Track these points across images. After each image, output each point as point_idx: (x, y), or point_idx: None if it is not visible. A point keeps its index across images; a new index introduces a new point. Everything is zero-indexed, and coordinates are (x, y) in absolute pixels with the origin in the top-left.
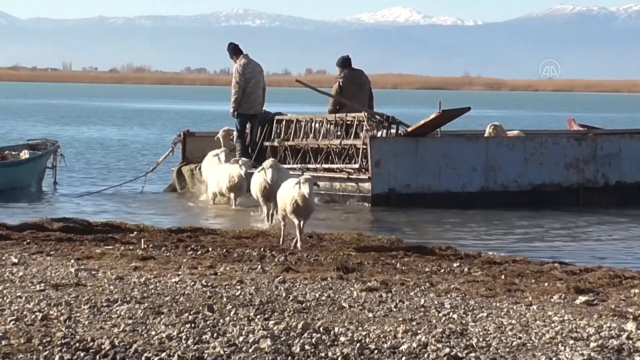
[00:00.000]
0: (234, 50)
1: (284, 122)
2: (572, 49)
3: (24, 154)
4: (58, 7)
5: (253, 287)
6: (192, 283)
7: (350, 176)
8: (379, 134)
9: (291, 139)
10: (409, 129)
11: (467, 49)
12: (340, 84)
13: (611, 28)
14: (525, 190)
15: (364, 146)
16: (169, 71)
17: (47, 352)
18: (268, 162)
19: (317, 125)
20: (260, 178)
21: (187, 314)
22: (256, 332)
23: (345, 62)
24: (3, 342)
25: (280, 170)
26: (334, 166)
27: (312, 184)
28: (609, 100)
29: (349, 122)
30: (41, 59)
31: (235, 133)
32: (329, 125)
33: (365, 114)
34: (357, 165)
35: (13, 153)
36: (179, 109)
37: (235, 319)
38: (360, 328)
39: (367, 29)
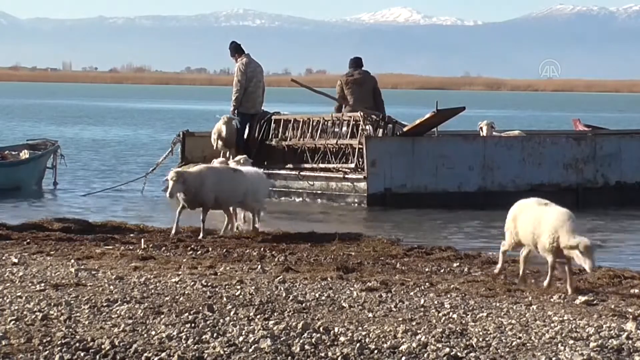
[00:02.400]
0: (236, 49)
1: (281, 122)
2: (572, 49)
3: (24, 154)
4: (58, 7)
5: (253, 287)
6: (192, 283)
7: (347, 176)
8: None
9: (288, 138)
10: (405, 129)
11: (467, 49)
12: (339, 84)
13: (611, 28)
14: (524, 190)
15: (360, 146)
16: (168, 71)
17: (47, 352)
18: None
19: (314, 124)
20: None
21: (187, 314)
22: (256, 332)
23: (351, 63)
24: (3, 342)
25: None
26: (331, 166)
27: (595, 251)
28: (609, 100)
29: (346, 122)
30: (41, 59)
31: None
32: (326, 125)
33: (362, 113)
34: (353, 165)
35: (13, 153)
36: (179, 109)
37: (235, 319)
38: (360, 328)
39: (367, 29)
